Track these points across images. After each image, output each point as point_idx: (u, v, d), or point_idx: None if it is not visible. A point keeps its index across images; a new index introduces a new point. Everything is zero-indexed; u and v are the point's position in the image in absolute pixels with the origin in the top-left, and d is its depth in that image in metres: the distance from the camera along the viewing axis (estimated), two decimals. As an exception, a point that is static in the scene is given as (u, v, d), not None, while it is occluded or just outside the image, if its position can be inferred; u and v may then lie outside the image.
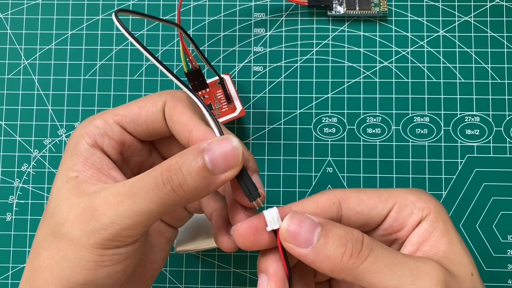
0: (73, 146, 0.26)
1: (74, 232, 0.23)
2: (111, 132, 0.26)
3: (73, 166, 0.25)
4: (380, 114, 0.39)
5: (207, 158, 0.23)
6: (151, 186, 0.23)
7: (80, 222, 0.23)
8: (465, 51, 0.40)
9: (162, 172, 0.23)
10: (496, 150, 0.39)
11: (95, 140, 0.26)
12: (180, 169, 0.23)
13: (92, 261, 0.23)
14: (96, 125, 0.26)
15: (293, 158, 0.39)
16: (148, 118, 0.26)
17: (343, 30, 0.40)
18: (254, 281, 0.38)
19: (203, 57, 0.34)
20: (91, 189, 0.24)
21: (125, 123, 0.26)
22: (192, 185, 0.23)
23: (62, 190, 0.25)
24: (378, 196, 0.26)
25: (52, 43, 0.41)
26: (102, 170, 0.25)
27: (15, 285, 0.39)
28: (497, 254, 0.38)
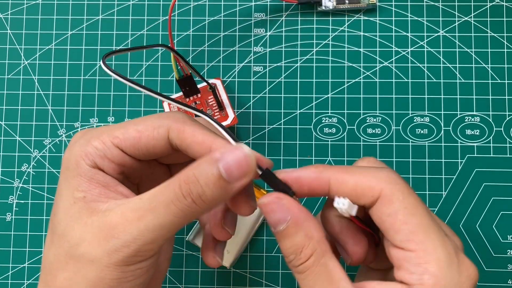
0: (73, 167, 0.25)
1: (93, 251, 0.23)
2: (111, 155, 0.26)
3: (78, 187, 0.25)
4: (380, 114, 0.39)
5: (222, 167, 0.23)
6: (172, 199, 0.23)
7: (99, 241, 0.23)
8: (465, 51, 0.40)
9: (180, 185, 0.23)
10: (496, 150, 0.39)
11: (94, 162, 0.25)
12: (198, 180, 0.23)
13: (115, 279, 0.23)
14: (95, 147, 0.26)
15: (293, 158, 0.39)
16: (149, 143, 0.26)
17: (343, 30, 0.40)
18: (254, 281, 0.38)
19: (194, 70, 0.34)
20: (103, 207, 0.24)
21: (125, 147, 0.26)
22: (211, 196, 0.23)
23: (71, 211, 0.24)
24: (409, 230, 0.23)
25: (52, 43, 0.41)
26: (109, 187, 0.25)
27: (15, 285, 0.39)
28: (497, 254, 0.38)
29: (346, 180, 0.24)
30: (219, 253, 0.30)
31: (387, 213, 0.23)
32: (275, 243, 0.39)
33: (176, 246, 0.39)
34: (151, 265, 0.25)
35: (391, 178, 0.24)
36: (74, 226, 0.24)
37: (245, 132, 0.40)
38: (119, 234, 0.23)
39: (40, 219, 0.39)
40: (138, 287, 0.24)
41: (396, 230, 0.23)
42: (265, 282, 0.38)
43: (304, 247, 0.24)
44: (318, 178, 0.25)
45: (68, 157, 0.26)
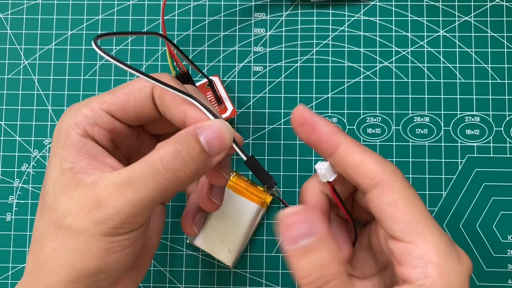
0: (63, 137, 0.25)
1: (79, 223, 0.24)
2: (101, 121, 0.26)
3: (67, 158, 0.25)
4: (380, 114, 0.39)
5: (203, 140, 0.23)
6: (151, 173, 0.23)
7: (85, 213, 0.24)
8: (465, 51, 0.40)
9: (160, 158, 0.23)
10: (496, 150, 0.39)
11: (85, 130, 0.26)
12: (179, 153, 0.23)
13: (103, 249, 0.24)
14: (84, 115, 0.26)
15: (293, 158, 0.39)
16: (137, 104, 0.26)
17: (343, 30, 0.40)
18: (254, 281, 0.38)
19: (190, 61, 0.34)
20: (88, 179, 0.24)
21: (114, 110, 0.26)
22: (194, 169, 0.23)
23: (59, 182, 0.25)
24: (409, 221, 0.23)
25: (52, 43, 0.41)
26: (97, 158, 0.25)
27: (15, 285, 0.39)
28: (497, 254, 0.38)
29: (354, 153, 0.24)
30: (197, 224, 0.30)
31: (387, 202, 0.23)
32: (275, 243, 0.39)
33: (176, 246, 0.39)
34: (138, 236, 0.25)
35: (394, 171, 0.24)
36: (61, 198, 0.24)
37: (245, 132, 0.40)
38: (103, 208, 0.23)
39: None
40: (127, 257, 0.25)
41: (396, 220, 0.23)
42: (265, 282, 0.38)
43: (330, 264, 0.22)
44: (332, 134, 0.25)
45: (59, 129, 0.26)
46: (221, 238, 0.36)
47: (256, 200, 0.37)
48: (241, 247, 0.37)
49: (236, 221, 0.36)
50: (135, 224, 0.24)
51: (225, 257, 0.36)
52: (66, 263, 0.24)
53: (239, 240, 0.36)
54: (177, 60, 0.36)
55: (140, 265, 0.30)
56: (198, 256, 0.39)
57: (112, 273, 0.25)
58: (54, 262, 0.24)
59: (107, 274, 0.25)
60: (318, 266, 0.22)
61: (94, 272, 0.24)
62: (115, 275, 0.25)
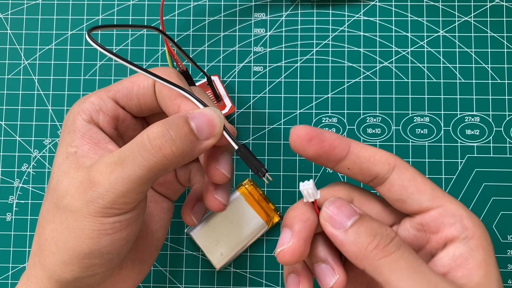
0: (70, 123, 0.27)
1: (74, 203, 0.24)
2: (105, 108, 0.27)
3: (72, 142, 0.26)
4: (380, 114, 0.39)
5: (193, 123, 0.24)
6: (138, 150, 0.24)
7: (79, 193, 0.24)
8: (465, 51, 0.40)
9: (148, 136, 0.24)
10: (496, 150, 0.39)
11: (90, 116, 0.27)
12: (168, 130, 0.24)
13: (95, 230, 0.24)
14: (91, 102, 0.27)
15: (293, 158, 0.39)
16: (140, 92, 0.27)
17: (343, 30, 0.40)
18: (254, 281, 0.38)
19: (188, 58, 0.34)
20: (88, 163, 0.25)
21: (118, 97, 0.28)
22: (181, 147, 0.24)
23: (63, 166, 0.26)
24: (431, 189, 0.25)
25: (52, 43, 0.41)
26: (99, 144, 0.26)
27: (15, 285, 0.39)
28: (497, 254, 0.38)
29: (366, 147, 0.25)
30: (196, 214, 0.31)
31: (408, 178, 0.24)
32: (275, 243, 0.39)
33: (176, 246, 0.39)
34: (131, 220, 0.25)
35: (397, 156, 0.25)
36: (63, 180, 0.25)
37: (245, 132, 0.40)
38: (94, 187, 0.24)
39: (40, 219, 0.39)
40: (119, 241, 0.25)
41: (421, 191, 0.24)
42: (265, 282, 0.38)
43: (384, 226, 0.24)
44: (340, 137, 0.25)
45: (68, 116, 0.27)
46: (218, 239, 0.36)
47: (263, 216, 0.37)
48: (233, 255, 0.37)
49: (237, 229, 0.36)
50: (125, 205, 0.24)
51: (216, 259, 0.36)
52: (61, 244, 0.25)
53: (234, 247, 0.36)
54: (177, 59, 0.36)
55: (145, 258, 0.30)
56: (198, 256, 0.39)
57: (105, 258, 0.25)
58: (51, 243, 0.25)
59: (100, 258, 0.25)
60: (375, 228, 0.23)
61: (86, 255, 0.24)
62: (110, 260, 0.25)
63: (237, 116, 0.40)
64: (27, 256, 0.39)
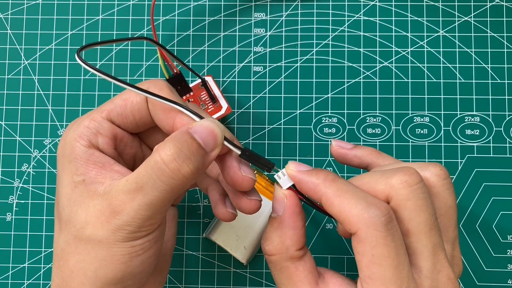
0: (69, 152, 0.26)
1: (99, 232, 0.24)
2: (102, 129, 0.27)
3: (76, 171, 0.26)
4: (380, 114, 0.39)
5: (197, 137, 0.24)
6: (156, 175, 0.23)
7: (102, 223, 0.24)
8: (465, 51, 0.40)
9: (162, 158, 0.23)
10: (496, 150, 0.39)
11: (89, 141, 0.26)
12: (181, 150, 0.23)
13: (126, 254, 0.24)
14: (86, 126, 0.26)
15: (293, 158, 0.39)
16: (134, 108, 0.27)
17: (343, 30, 0.40)
18: (254, 281, 0.38)
19: (181, 63, 0.34)
20: (101, 189, 0.25)
21: (113, 117, 0.27)
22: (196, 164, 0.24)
23: (73, 196, 0.25)
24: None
25: (52, 43, 0.41)
26: (105, 167, 0.26)
27: (15, 285, 0.39)
28: (497, 254, 0.38)
29: (333, 204, 0.24)
30: (230, 206, 0.30)
31: (357, 251, 0.24)
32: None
33: (177, 246, 0.39)
34: (157, 236, 0.26)
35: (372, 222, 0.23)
36: (77, 210, 0.25)
37: (245, 132, 0.40)
38: (118, 215, 0.24)
39: (40, 219, 0.39)
40: (149, 259, 0.25)
41: (360, 268, 0.24)
42: (265, 282, 0.38)
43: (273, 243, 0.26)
44: (314, 191, 0.25)
45: (63, 143, 0.27)
46: (238, 234, 0.36)
47: None
48: (257, 245, 0.37)
49: (253, 219, 0.36)
50: (152, 226, 0.25)
51: (240, 254, 0.36)
52: (90, 274, 0.24)
53: (255, 237, 0.36)
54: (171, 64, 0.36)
55: (162, 268, 0.30)
56: (198, 256, 0.39)
57: (137, 277, 0.25)
58: (79, 275, 0.25)
59: (133, 279, 0.25)
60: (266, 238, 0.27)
61: (120, 279, 0.25)
62: (141, 279, 0.26)
63: (237, 116, 0.40)
64: (27, 256, 0.39)
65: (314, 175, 0.25)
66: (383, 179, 0.25)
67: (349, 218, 0.24)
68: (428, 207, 0.24)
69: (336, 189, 0.25)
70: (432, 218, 0.24)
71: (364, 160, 0.30)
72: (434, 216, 0.24)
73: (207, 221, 0.39)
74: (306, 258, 0.26)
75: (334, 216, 0.25)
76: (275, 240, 0.26)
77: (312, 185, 0.25)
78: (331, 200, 0.24)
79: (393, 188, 0.24)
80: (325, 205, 0.25)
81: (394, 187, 0.24)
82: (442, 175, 0.26)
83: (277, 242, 0.26)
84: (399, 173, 0.24)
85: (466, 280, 0.38)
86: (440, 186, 0.26)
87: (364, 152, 0.30)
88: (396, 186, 0.24)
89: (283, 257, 0.26)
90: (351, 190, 0.24)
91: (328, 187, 0.25)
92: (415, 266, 0.24)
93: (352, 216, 0.24)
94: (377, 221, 0.23)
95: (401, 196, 0.24)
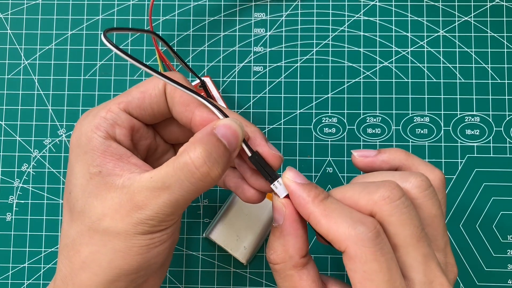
0: (85, 142, 0.26)
1: (118, 225, 0.24)
2: (120, 121, 0.27)
3: (93, 162, 0.25)
4: (380, 114, 0.39)
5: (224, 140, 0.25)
6: (185, 176, 0.24)
7: (122, 216, 0.24)
8: (465, 51, 0.40)
9: (192, 161, 0.24)
10: (496, 150, 0.39)
11: (107, 132, 0.26)
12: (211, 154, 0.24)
13: (144, 246, 0.25)
14: (103, 117, 0.26)
15: (293, 158, 0.39)
16: (152, 101, 0.27)
17: (343, 30, 0.40)
18: (254, 281, 0.38)
19: (183, 62, 0.34)
20: (119, 181, 0.25)
21: (131, 109, 0.27)
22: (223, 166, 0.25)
23: (89, 187, 0.25)
24: None
25: (52, 43, 0.41)
26: (122, 159, 0.26)
27: (15, 285, 0.39)
28: (497, 254, 0.38)
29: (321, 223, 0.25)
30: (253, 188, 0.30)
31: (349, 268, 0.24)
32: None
33: (177, 246, 0.39)
34: (175, 229, 0.26)
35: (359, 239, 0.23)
36: (93, 202, 0.25)
37: (245, 132, 0.40)
38: (141, 210, 0.24)
39: (40, 219, 0.39)
40: (164, 251, 0.26)
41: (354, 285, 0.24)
42: (265, 282, 0.38)
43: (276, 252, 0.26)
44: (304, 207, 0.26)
45: (78, 134, 0.26)
46: (238, 234, 0.36)
47: None
48: (257, 245, 0.37)
49: (254, 219, 0.36)
50: (172, 220, 0.25)
51: (240, 254, 0.36)
52: (105, 264, 0.25)
53: (255, 237, 0.36)
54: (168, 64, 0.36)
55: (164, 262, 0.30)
56: (198, 256, 0.39)
57: (151, 268, 0.26)
58: (92, 265, 0.25)
59: (147, 269, 0.26)
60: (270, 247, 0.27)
61: (135, 269, 0.25)
62: (154, 269, 0.26)
63: (237, 116, 0.40)
64: (27, 256, 0.39)
65: (306, 191, 0.25)
66: (366, 194, 0.25)
67: (337, 237, 0.24)
68: (413, 219, 0.24)
69: (323, 209, 0.25)
70: (418, 230, 0.24)
71: (393, 164, 0.29)
72: (420, 227, 0.24)
73: (207, 221, 0.39)
74: (309, 267, 0.26)
75: (322, 235, 0.25)
76: (278, 249, 0.26)
77: (303, 201, 0.25)
78: (318, 219, 0.25)
79: (376, 204, 0.24)
80: (313, 224, 0.25)
81: (377, 204, 0.24)
82: (423, 185, 0.26)
83: (280, 251, 0.26)
84: (380, 189, 0.25)
85: (466, 280, 0.38)
86: (422, 198, 0.26)
87: (391, 155, 0.29)
88: (379, 203, 0.24)
89: (287, 265, 0.26)
90: (338, 209, 0.25)
91: (316, 206, 0.25)
92: (408, 278, 0.24)
93: (339, 234, 0.24)
94: (364, 237, 0.23)
95: (385, 212, 0.24)
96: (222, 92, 0.40)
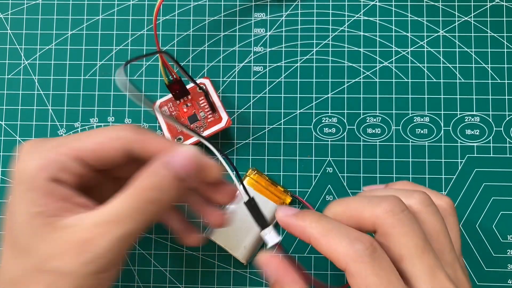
0: (28, 180, 0.25)
1: (66, 265, 0.24)
2: (69, 167, 0.26)
3: (35, 201, 0.25)
4: (380, 114, 0.39)
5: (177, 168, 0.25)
6: (136, 208, 0.24)
7: (71, 256, 0.24)
8: (465, 51, 0.40)
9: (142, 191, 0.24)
10: (496, 150, 0.39)
11: (53, 175, 0.25)
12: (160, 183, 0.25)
13: (93, 285, 0.24)
14: (52, 160, 0.25)
15: (293, 158, 0.39)
16: (109, 154, 0.27)
17: (343, 30, 0.40)
18: (254, 281, 0.38)
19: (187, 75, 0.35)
20: (65, 222, 0.24)
21: (84, 156, 0.26)
22: (174, 195, 0.25)
23: (30, 227, 0.24)
24: None
25: (52, 43, 0.41)
26: (68, 200, 0.25)
27: (15, 285, 0.39)
28: (497, 254, 0.38)
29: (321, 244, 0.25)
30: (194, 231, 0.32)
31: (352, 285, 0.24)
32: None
33: (177, 246, 0.39)
34: (120, 266, 0.26)
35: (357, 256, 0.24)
36: (38, 242, 0.24)
37: (245, 132, 0.40)
38: (91, 248, 0.24)
39: (40, 219, 0.39)
40: (112, 282, 0.26)
41: None
42: (265, 282, 0.38)
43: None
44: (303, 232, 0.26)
45: (22, 169, 0.25)
46: (238, 234, 0.36)
47: (275, 200, 0.37)
48: (257, 245, 0.37)
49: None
50: (121, 258, 0.25)
51: (240, 254, 0.36)
52: None
53: (255, 237, 0.37)
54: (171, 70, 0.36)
55: None
56: (198, 256, 0.39)
57: None
58: None
59: None
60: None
61: None
62: None
63: (237, 116, 0.40)
64: (27, 256, 0.39)
65: (300, 218, 0.26)
66: (369, 207, 0.25)
67: (337, 256, 0.24)
68: (416, 231, 0.25)
69: (321, 229, 0.25)
70: (421, 241, 0.25)
71: None
72: (424, 239, 0.25)
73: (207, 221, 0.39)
74: None
75: (325, 256, 0.25)
76: None
77: (300, 227, 0.26)
78: (318, 240, 0.25)
79: (378, 218, 0.25)
80: (314, 245, 0.25)
81: (380, 217, 0.25)
82: (425, 201, 0.27)
83: None
84: (383, 203, 0.25)
85: (466, 280, 0.38)
86: (424, 212, 0.26)
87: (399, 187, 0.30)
88: (382, 216, 0.25)
89: None
90: (335, 228, 0.25)
91: (314, 228, 0.25)
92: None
93: (339, 254, 0.24)
94: (362, 253, 0.24)
95: (387, 225, 0.25)
96: (222, 92, 0.40)
